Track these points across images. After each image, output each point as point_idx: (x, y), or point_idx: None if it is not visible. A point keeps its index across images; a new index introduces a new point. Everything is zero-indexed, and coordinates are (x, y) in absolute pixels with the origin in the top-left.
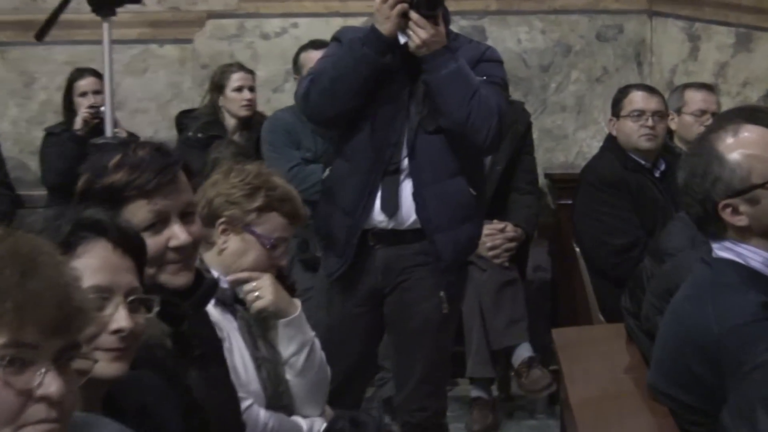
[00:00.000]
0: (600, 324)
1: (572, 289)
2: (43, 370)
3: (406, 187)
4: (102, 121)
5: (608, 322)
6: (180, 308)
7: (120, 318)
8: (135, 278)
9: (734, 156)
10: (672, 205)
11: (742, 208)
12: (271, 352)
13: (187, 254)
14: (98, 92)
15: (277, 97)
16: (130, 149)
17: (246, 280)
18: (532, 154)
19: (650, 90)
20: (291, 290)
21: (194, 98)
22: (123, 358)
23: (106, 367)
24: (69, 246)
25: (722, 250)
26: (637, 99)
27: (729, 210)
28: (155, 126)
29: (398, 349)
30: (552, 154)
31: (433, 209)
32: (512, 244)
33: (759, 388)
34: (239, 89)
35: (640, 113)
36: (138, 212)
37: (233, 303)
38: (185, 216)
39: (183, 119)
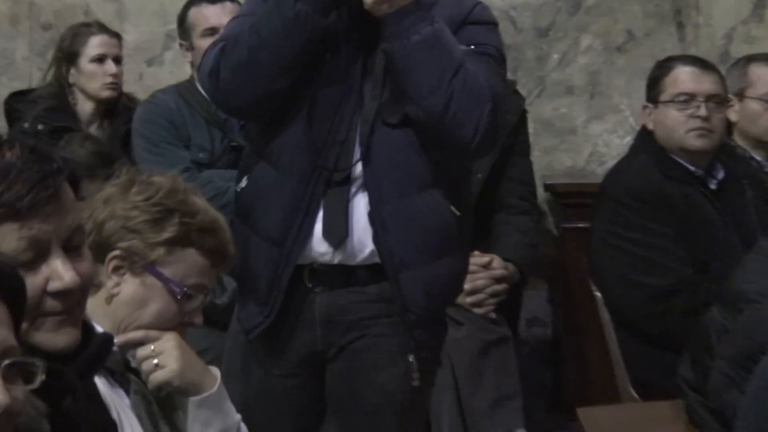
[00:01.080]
0: (634, 402)
1: (585, 351)
2: None
3: (359, 205)
4: None
5: (643, 399)
6: (62, 378)
7: None
8: (10, 333)
9: None
10: (734, 230)
11: None
12: None
13: (72, 302)
14: None
15: (153, 72)
16: None
17: (142, 342)
18: (527, 156)
19: (703, 65)
20: None
21: (31, 73)
22: None
23: None
24: None
25: None
26: (685, 78)
27: None
28: None
29: None
30: (553, 155)
31: (398, 237)
32: (500, 287)
33: None
34: (99, 59)
35: (690, 98)
36: (5, 241)
37: (124, 372)
38: (71, 248)
39: (15, 104)
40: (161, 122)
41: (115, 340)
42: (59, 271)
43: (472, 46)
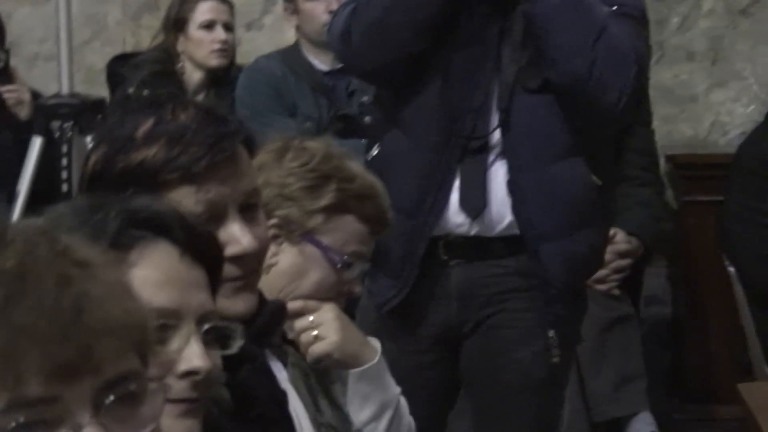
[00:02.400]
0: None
1: (708, 330)
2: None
3: (498, 174)
4: None
5: None
6: (244, 346)
7: (193, 354)
8: (209, 298)
9: None
10: None
11: None
12: (337, 415)
13: (250, 267)
14: None
15: (252, 37)
16: (167, 112)
17: (300, 313)
18: (649, 125)
19: None
20: None
21: (124, 38)
22: (194, 413)
23: (171, 425)
24: (118, 250)
25: None
26: None
27: None
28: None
29: (482, 418)
30: (673, 125)
31: (538, 207)
32: (624, 262)
33: None
34: (208, 26)
35: None
36: (181, 204)
37: (282, 344)
38: (247, 211)
39: (118, 68)
40: (265, 89)
41: None
42: (237, 236)
43: (615, 7)
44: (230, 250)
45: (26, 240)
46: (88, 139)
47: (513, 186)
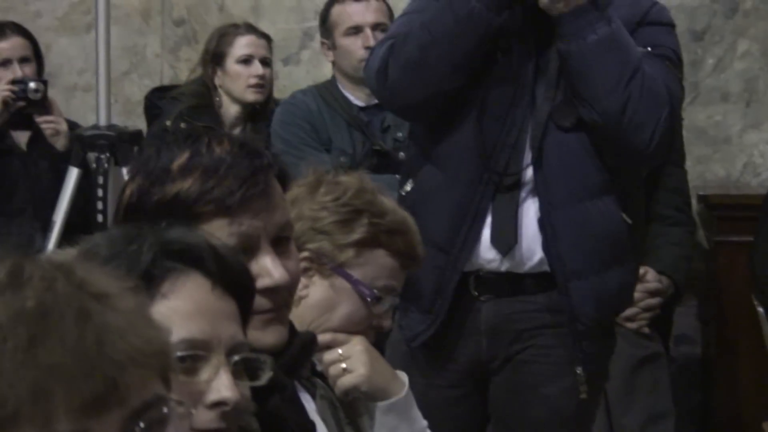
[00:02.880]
0: None
1: (738, 371)
2: None
3: (529, 211)
4: (29, 104)
5: None
6: (273, 377)
7: (222, 386)
8: (240, 329)
9: None
10: None
11: None
12: None
13: (281, 300)
14: (27, 60)
15: (289, 71)
16: (203, 144)
17: (330, 346)
18: (683, 166)
19: None
20: None
21: (162, 71)
22: None
23: None
24: (150, 282)
25: None
26: None
27: None
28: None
29: None
30: (706, 165)
31: (569, 244)
32: (655, 301)
33: None
34: (246, 60)
35: None
36: (215, 237)
37: (311, 376)
38: (279, 244)
39: (157, 100)
40: (301, 123)
41: None
42: (269, 268)
43: (649, 48)
44: (262, 283)
45: (43, 276)
46: (125, 170)
47: (544, 223)
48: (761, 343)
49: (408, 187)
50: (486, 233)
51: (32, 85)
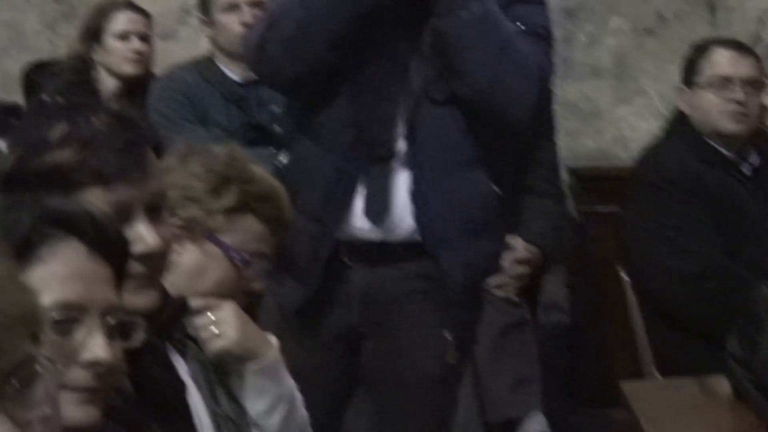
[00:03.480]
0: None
1: (605, 337)
2: None
3: (401, 182)
4: None
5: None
6: (146, 339)
7: (95, 346)
8: (113, 293)
9: None
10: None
11: None
12: (234, 407)
13: (155, 265)
14: None
15: (167, 48)
16: (80, 116)
17: (201, 310)
18: (554, 139)
19: (741, 48)
20: None
21: (41, 46)
22: (95, 402)
23: (72, 411)
24: (29, 248)
25: None
26: (723, 61)
27: None
28: None
29: (379, 416)
30: (577, 139)
31: (439, 214)
32: (523, 269)
33: None
34: (124, 36)
35: (726, 81)
36: (92, 204)
37: (183, 339)
38: (153, 212)
39: (35, 76)
40: (178, 98)
41: None
42: (143, 235)
43: (522, 25)
44: (136, 249)
45: None
46: (2, 142)
47: (415, 194)
48: (626, 310)
49: (283, 159)
50: (359, 203)
51: None
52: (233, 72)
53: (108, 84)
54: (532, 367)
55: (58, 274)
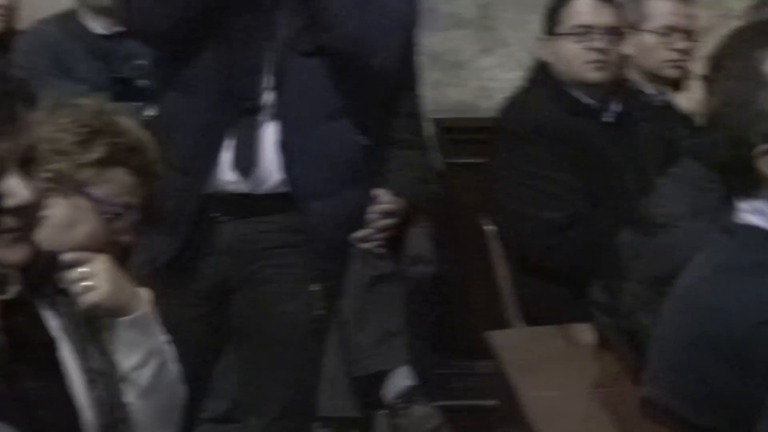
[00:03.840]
0: None
1: (470, 288)
2: None
3: (269, 133)
4: None
5: None
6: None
7: None
8: None
9: None
10: (629, 164)
11: None
12: (105, 361)
13: (27, 219)
14: None
15: (32, 1)
16: None
17: (73, 264)
18: (417, 90)
19: None
20: None
21: None
22: None
23: None
24: None
25: (753, 214)
26: (583, 9)
27: None
28: None
29: (247, 369)
30: (440, 90)
31: (307, 165)
32: (389, 221)
33: None
34: None
35: (587, 30)
36: None
37: (54, 293)
38: (25, 165)
39: None
40: (42, 52)
41: None
42: (14, 188)
43: None
44: (8, 202)
45: None
46: None
47: (283, 146)
48: (490, 261)
49: (151, 112)
50: (227, 156)
51: None
52: (98, 25)
53: None
54: (398, 320)
55: None
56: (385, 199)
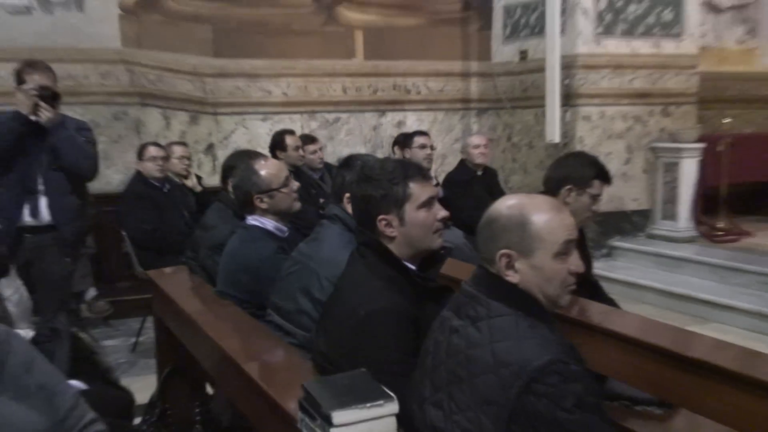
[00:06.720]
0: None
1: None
2: None
3: (43, 201)
4: None
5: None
6: None
7: None
8: None
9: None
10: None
11: (266, 200)
12: None
13: None
14: None
15: None
16: None
17: None
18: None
19: None
20: None
21: None
22: None
23: None
24: None
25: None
26: None
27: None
28: None
29: None
30: None
31: (60, 212)
32: None
33: None
34: None
35: None
36: None
37: None
38: None
39: None
40: None
41: None
42: None
43: (84, 138)
44: None
45: None
46: None
47: (49, 206)
48: None
49: None
50: (26, 210)
51: None
52: None
53: None
54: None
55: None
56: None
